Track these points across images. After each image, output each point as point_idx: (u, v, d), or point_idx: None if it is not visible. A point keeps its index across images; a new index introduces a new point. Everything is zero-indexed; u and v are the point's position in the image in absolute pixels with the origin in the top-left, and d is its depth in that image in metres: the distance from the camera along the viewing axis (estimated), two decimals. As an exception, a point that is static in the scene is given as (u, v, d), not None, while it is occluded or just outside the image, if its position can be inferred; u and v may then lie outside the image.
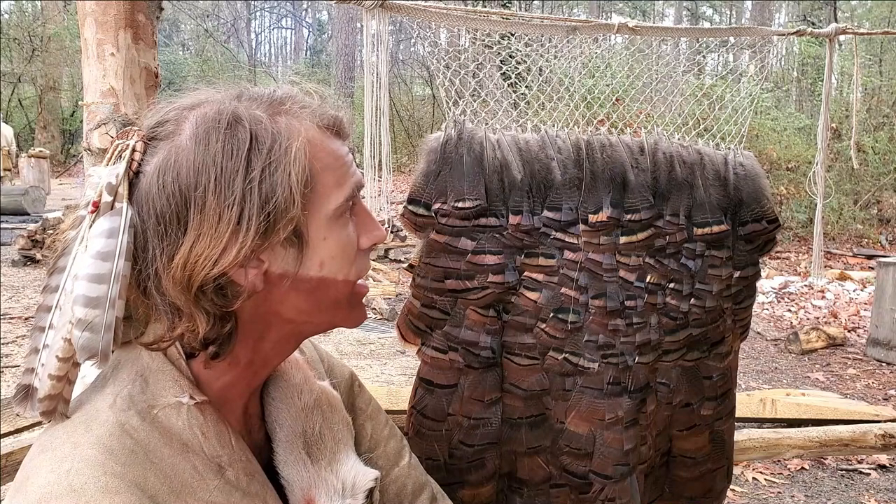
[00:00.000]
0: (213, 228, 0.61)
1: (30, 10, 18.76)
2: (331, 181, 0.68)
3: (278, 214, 0.62)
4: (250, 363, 0.71)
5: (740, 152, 1.24)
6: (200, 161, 0.62)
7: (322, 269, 0.68)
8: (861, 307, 6.34)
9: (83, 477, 0.57)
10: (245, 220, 0.61)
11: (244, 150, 0.62)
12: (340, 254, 0.69)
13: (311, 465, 0.76)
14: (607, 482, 1.10)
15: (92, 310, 0.62)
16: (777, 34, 1.53)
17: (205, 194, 0.61)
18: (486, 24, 1.29)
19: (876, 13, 13.71)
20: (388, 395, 2.01)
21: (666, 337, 1.14)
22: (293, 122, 0.67)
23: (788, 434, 1.78)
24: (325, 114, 0.70)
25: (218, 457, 0.66)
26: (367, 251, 0.73)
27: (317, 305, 0.70)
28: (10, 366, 4.20)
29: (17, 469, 1.36)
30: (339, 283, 0.70)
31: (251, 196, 0.61)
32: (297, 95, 0.70)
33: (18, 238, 7.36)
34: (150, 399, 0.65)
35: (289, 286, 0.67)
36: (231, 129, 0.63)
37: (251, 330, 0.69)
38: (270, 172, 0.62)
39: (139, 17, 1.34)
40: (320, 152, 0.68)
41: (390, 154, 1.21)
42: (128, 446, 0.61)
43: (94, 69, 1.33)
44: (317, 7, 26.53)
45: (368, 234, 0.73)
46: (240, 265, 0.63)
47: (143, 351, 0.67)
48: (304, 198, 0.65)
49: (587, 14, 21.88)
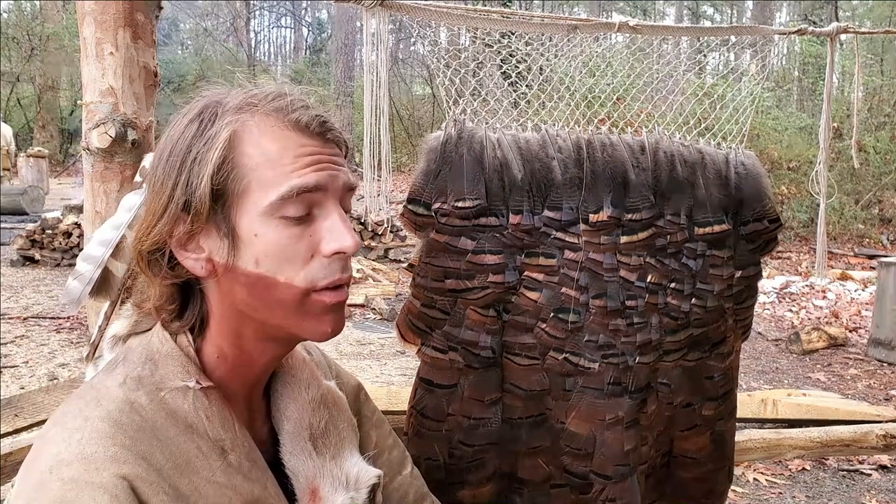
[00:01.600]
0: (154, 202, 0.67)
1: (28, 10, 18.76)
2: (267, 176, 0.66)
3: (196, 199, 0.66)
4: (237, 359, 0.73)
5: (741, 152, 1.23)
6: (165, 144, 0.69)
7: (259, 266, 0.67)
8: (862, 307, 6.34)
9: (93, 446, 0.61)
10: (174, 199, 0.66)
11: (190, 136, 0.67)
12: (278, 253, 0.66)
13: (317, 456, 0.77)
14: (608, 482, 1.10)
15: (87, 265, 0.75)
16: (778, 33, 1.52)
17: (157, 173, 0.68)
18: (486, 22, 1.28)
19: (877, 12, 13.71)
20: (388, 396, 2.00)
21: (667, 337, 1.14)
22: (250, 116, 0.68)
23: (789, 434, 1.77)
24: (300, 112, 0.69)
25: (221, 440, 0.68)
26: (331, 259, 0.68)
27: (262, 303, 0.69)
28: (10, 366, 4.19)
29: (16, 469, 1.35)
30: (280, 284, 0.67)
31: (181, 177, 0.66)
32: (281, 94, 0.70)
33: (17, 238, 7.34)
34: (159, 382, 0.68)
35: (231, 278, 0.68)
36: (193, 118, 0.68)
37: (225, 323, 0.71)
38: (200, 159, 0.66)
39: (138, 16, 1.33)
40: (266, 146, 0.67)
41: (390, 153, 1.21)
42: (136, 422, 0.64)
43: (93, 68, 1.32)
44: (316, 6, 26.54)
45: (332, 241, 0.68)
46: (177, 244, 0.68)
47: (154, 337, 0.71)
48: (228, 188, 0.66)
49: (588, 13, 21.87)
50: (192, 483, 0.64)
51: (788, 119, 10.80)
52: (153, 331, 0.72)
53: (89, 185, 1.35)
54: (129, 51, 1.33)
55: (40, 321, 5.18)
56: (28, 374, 4.10)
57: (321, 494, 0.75)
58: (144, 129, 1.35)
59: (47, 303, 5.72)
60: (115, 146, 1.30)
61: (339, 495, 0.76)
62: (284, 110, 0.68)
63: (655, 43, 1.40)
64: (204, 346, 0.72)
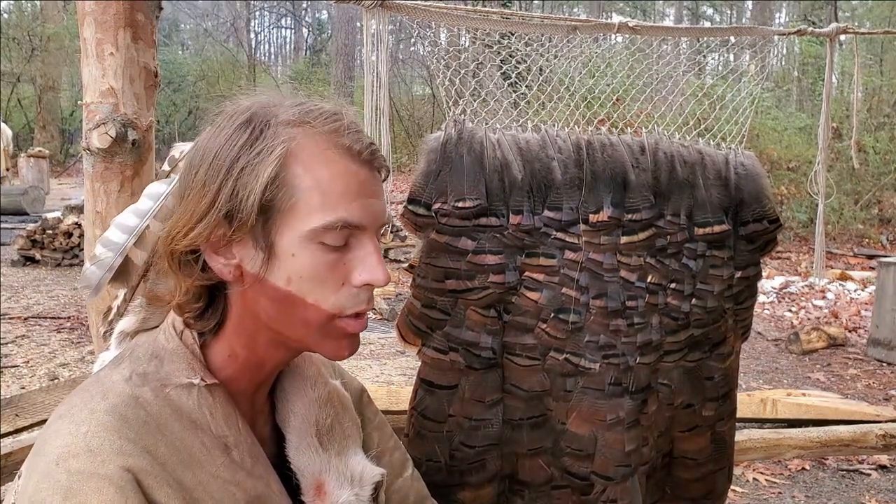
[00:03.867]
0: (193, 204, 0.67)
1: (29, 10, 18.75)
2: (315, 201, 0.67)
3: (240, 210, 0.66)
4: (248, 360, 0.73)
5: (741, 152, 1.23)
6: (208, 146, 0.68)
7: (289, 285, 0.67)
8: (862, 307, 6.34)
9: (99, 439, 0.61)
10: (217, 205, 0.66)
11: (240, 144, 0.67)
12: (311, 276, 0.67)
13: (322, 452, 0.78)
14: (609, 483, 1.10)
15: (106, 250, 0.73)
16: (778, 34, 1.52)
17: (199, 175, 0.67)
18: (486, 23, 1.29)
19: (877, 13, 13.71)
20: (388, 396, 2.00)
21: (667, 337, 1.14)
22: (304, 134, 0.68)
23: (789, 434, 1.77)
24: (353, 137, 0.69)
25: (224, 437, 0.69)
26: (360, 289, 0.70)
27: (286, 319, 0.70)
28: (10, 366, 4.19)
29: (16, 469, 1.35)
30: (308, 305, 0.68)
31: (227, 185, 0.66)
32: (334, 114, 0.70)
33: (17, 238, 7.34)
34: (164, 378, 0.69)
35: (259, 289, 0.69)
36: (241, 124, 0.68)
37: (242, 326, 0.72)
38: (249, 170, 0.66)
39: (138, 17, 1.33)
40: (318, 169, 0.67)
41: (390, 154, 1.21)
42: (141, 417, 0.65)
43: (94, 69, 1.33)
44: (316, 6, 26.52)
45: (364, 272, 0.69)
46: (210, 248, 0.68)
47: (161, 334, 0.72)
48: (275, 204, 0.66)
49: (587, 13, 21.87)
50: (196, 477, 0.65)
51: (788, 119, 10.79)
52: (160, 328, 0.73)
53: (90, 185, 1.35)
54: (130, 51, 1.33)
55: (41, 321, 5.19)
56: (28, 374, 4.10)
57: (327, 490, 0.76)
58: (145, 130, 1.36)
59: (48, 303, 5.72)
60: (116, 146, 1.31)
61: (344, 491, 0.77)
62: (339, 132, 0.69)
63: (655, 43, 1.40)
64: (214, 345, 0.73)
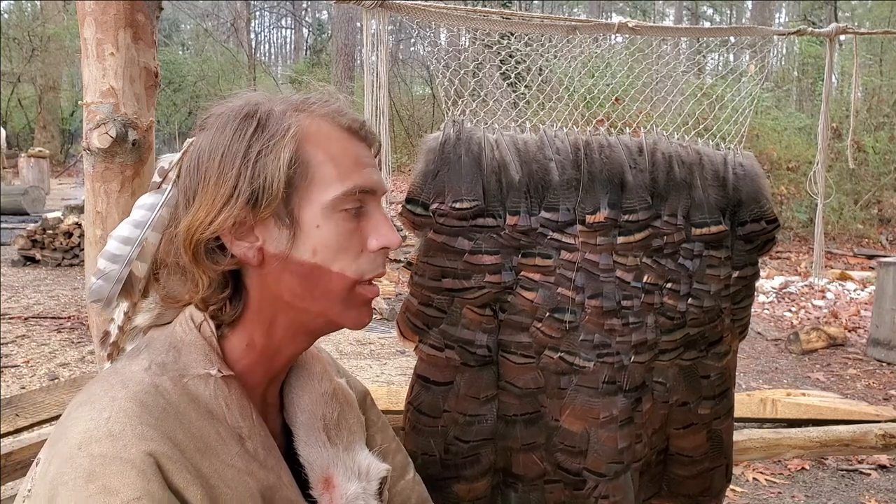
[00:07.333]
0: (212, 198, 0.69)
1: (29, 10, 18.77)
2: (331, 173, 0.72)
3: (264, 191, 0.69)
4: (265, 349, 0.75)
5: (740, 152, 1.24)
6: (215, 143, 0.71)
7: (315, 256, 0.71)
8: (861, 307, 6.34)
9: (121, 424, 0.63)
10: (237, 192, 0.69)
11: (248, 134, 0.70)
12: (336, 245, 0.72)
13: (330, 446, 0.80)
14: (601, 479, 1.10)
15: (111, 264, 0.74)
16: (777, 34, 1.53)
17: (211, 170, 0.70)
18: (485, 23, 1.29)
19: (876, 13, 13.71)
20: (388, 395, 2.00)
21: (662, 336, 1.14)
22: (306, 118, 0.73)
23: (789, 434, 1.78)
24: (349, 116, 0.76)
25: (239, 427, 0.71)
26: (377, 254, 0.75)
27: (310, 292, 0.73)
28: (10, 366, 4.20)
29: (16, 469, 1.35)
30: (332, 273, 0.72)
31: (245, 172, 0.69)
32: (329, 99, 0.76)
33: (18, 238, 7.34)
34: (182, 369, 0.71)
35: (283, 267, 0.71)
36: (245, 118, 0.71)
37: (262, 312, 0.74)
38: (265, 154, 0.70)
39: (139, 17, 1.33)
40: (328, 145, 0.73)
41: (390, 154, 1.21)
42: (160, 404, 0.66)
43: (94, 69, 1.33)
44: (317, 7, 26.54)
45: (379, 237, 0.74)
46: (233, 234, 0.70)
47: (178, 326, 0.74)
48: (294, 181, 0.70)
49: (587, 14, 21.89)
50: (212, 465, 0.66)
51: (787, 119, 10.78)
52: (176, 320, 0.75)
53: (90, 185, 1.35)
54: (130, 51, 1.33)
55: (41, 321, 5.19)
56: (29, 374, 4.10)
57: (335, 483, 0.78)
58: (145, 130, 1.36)
59: (48, 303, 5.72)
60: (116, 146, 1.31)
61: (352, 484, 0.79)
62: (337, 113, 0.75)
63: (655, 44, 1.40)
64: (232, 337, 0.75)
